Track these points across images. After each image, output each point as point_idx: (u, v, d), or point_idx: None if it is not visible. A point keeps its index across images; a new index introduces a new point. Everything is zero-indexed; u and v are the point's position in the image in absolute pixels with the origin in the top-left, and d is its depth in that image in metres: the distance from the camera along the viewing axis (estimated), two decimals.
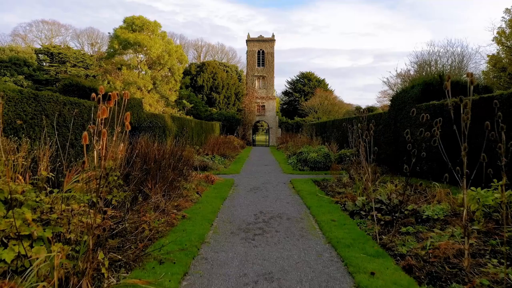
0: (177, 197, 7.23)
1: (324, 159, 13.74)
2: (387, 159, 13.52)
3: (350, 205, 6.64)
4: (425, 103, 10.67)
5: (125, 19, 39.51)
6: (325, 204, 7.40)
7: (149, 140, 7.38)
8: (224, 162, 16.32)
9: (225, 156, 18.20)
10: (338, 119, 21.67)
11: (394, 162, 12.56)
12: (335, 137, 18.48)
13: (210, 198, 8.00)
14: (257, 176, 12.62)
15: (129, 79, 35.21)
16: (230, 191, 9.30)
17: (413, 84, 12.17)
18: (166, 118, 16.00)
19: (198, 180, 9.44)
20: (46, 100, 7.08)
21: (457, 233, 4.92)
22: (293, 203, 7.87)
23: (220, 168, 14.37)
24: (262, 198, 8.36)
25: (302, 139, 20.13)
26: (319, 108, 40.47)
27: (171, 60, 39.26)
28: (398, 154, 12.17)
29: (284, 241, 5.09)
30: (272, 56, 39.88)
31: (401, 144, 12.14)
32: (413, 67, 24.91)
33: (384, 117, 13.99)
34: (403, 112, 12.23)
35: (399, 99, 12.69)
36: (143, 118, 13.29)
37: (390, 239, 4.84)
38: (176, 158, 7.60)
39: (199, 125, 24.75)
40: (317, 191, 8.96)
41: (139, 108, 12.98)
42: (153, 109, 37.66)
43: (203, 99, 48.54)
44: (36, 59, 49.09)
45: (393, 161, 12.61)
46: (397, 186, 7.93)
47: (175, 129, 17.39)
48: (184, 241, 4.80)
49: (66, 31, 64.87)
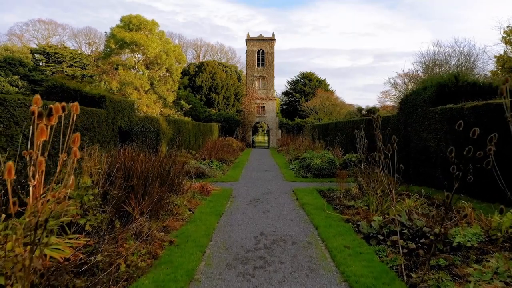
0: (166, 214, 6.34)
1: (329, 165, 12.85)
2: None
3: (364, 226, 5.75)
4: (440, 107, 9.79)
5: (122, 18, 38.62)
6: (334, 223, 6.51)
7: (134, 149, 6.49)
8: (222, 167, 15.42)
9: (223, 160, 17.31)
10: (342, 121, 20.77)
11: (404, 170, 11.66)
12: (339, 141, 17.58)
13: (204, 214, 7.11)
14: (257, 184, 11.73)
15: (126, 80, 34.30)
16: (228, 204, 8.41)
17: (425, 85, 11.28)
18: (160, 121, 15.10)
19: (192, 192, 8.55)
20: (16, 104, 6.19)
21: (502, 270, 4.03)
22: (298, 220, 6.97)
23: (218, 175, 13.48)
24: (263, 214, 7.46)
25: (304, 143, 19.22)
26: (320, 109, 39.58)
27: (169, 60, 38.36)
28: (409, 161, 11.28)
29: (291, 278, 4.20)
30: (272, 56, 38.97)
31: (412, 150, 11.26)
32: (421, 67, 23.95)
33: (393, 121, 13.09)
34: (414, 116, 11.34)
35: (410, 102, 11.80)
36: (135, 122, 12.40)
37: (421, 278, 3.96)
38: (166, 169, 6.71)
39: (197, 127, 23.84)
40: (324, 205, 8.07)
41: (130, 111, 12.09)
42: (150, 110, 36.76)
43: (202, 99, 47.64)
44: (32, 59, 48.19)
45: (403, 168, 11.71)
46: (415, 201, 7.04)
47: (170, 133, 16.50)
48: (168, 282, 3.91)
49: (63, 30, 63.97)
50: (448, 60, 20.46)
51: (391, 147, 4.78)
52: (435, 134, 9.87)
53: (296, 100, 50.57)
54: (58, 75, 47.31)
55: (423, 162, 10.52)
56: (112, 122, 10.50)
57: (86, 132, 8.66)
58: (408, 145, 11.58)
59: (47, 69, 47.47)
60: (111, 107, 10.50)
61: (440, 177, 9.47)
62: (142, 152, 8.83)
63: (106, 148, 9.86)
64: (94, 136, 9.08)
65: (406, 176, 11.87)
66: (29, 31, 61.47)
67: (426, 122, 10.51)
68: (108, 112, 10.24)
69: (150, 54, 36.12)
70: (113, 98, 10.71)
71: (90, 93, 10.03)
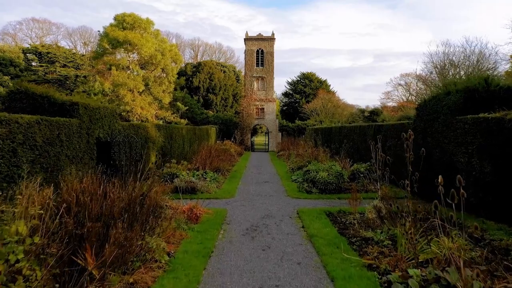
0: (137, 261, 4.87)
1: (337, 179, 11.40)
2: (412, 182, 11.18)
3: (398, 286, 4.28)
4: (470, 116, 8.33)
5: (115, 16, 37.09)
6: (354, 272, 5.05)
7: (94, 180, 5.00)
8: (218, 179, 13.95)
9: (219, 170, 15.84)
10: (347, 126, 19.31)
11: (424, 188, 10.17)
12: (345, 149, 16.11)
13: (188, 255, 5.65)
14: (256, 202, 10.27)
15: (119, 80, 32.77)
16: (220, 236, 6.95)
17: (448, 89, 9.83)
18: (149, 128, 13.62)
19: (177, 222, 7.08)
20: None
21: None
22: (307, 264, 5.51)
23: (212, 188, 12.01)
24: (262, 253, 6.00)
25: (307, 151, 17.75)
26: (321, 111, 38.14)
27: (164, 60, 36.84)
28: (431, 177, 9.81)
29: None
30: (272, 56, 37.50)
31: (435, 164, 9.80)
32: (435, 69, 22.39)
33: (408, 129, 11.63)
34: (435, 125, 9.89)
35: (430, 109, 10.36)
36: (117, 131, 10.93)
37: None
38: (138, 202, 5.24)
39: (192, 132, 22.34)
40: (337, 238, 6.63)
41: (111, 119, 10.63)
42: (145, 112, 35.27)
43: (199, 101, 46.16)
44: (24, 59, 46.68)
45: (423, 186, 10.22)
46: (454, 239, 5.58)
47: (161, 140, 15.02)
48: None
49: (57, 29, 62.53)
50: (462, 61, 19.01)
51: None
52: (465, 148, 8.42)
53: (296, 101, 49.10)
54: (51, 75, 45.82)
55: (448, 180, 9.06)
56: (87, 133, 9.03)
57: (49, 148, 7.18)
58: (429, 158, 10.13)
59: (40, 69, 45.96)
60: (86, 115, 9.04)
61: (472, 200, 8.01)
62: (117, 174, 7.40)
63: (78, 165, 8.40)
64: (61, 152, 7.60)
65: (428, 194, 10.45)
66: (22, 30, 60.04)
67: (451, 133, 9.06)
68: (82, 121, 8.77)
69: (145, 54, 34.61)
70: (89, 105, 9.24)
71: (60, 100, 8.56)
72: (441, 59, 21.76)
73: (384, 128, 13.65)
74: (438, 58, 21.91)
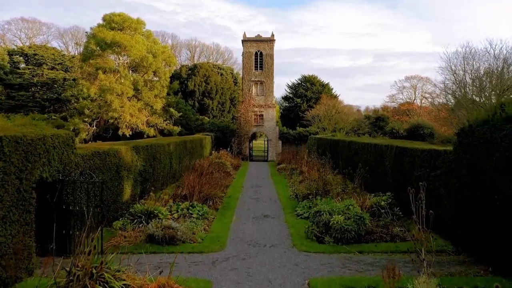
0: None
1: (356, 225, 8.93)
2: (453, 227, 8.71)
3: None
4: None
5: (104, 16, 34.54)
6: None
7: None
8: (207, 215, 11.43)
9: (210, 198, 13.33)
10: (358, 143, 16.79)
11: (477, 242, 7.68)
12: (360, 174, 13.62)
13: None
14: (252, 264, 7.77)
15: (106, 85, 30.21)
16: None
17: (508, 114, 7.35)
18: (122, 153, 11.09)
19: None
20: None
21: None
22: None
23: (198, 233, 9.49)
24: None
25: (313, 175, 15.23)
26: (324, 117, 35.62)
27: (156, 62, 34.26)
28: (491, 225, 7.35)
29: None
30: (272, 59, 34.98)
31: (492, 205, 7.30)
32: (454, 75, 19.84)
33: (446, 159, 9.18)
34: (492, 161, 7.41)
35: (479, 137, 7.88)
36: (74, 164, 8.43)
37: None
38: None
39: (182, 146, 19.78)
40: None
41: (65, 150, 8.12)
42: (134, 119, 32.73)
43: (194, 105, 43.63)
44: (9, 61, 43.99)
45: (475, 239, 7.74)
46: None
47: (139, 165, 12.51)
48: None
49: (48, 29, 59.88)
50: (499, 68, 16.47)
51: None
52: None
53: (297, 106, 46.53)
54: (38, 78, 43.24)
55: None
56: (18, 177, 6.52)
57: None
58: (485, 198, 7.65)
59: (26, 72, 43.36)
60: (18, 151, 6.53)
61: None
62: None
63: None
64: None
65: (487, 255, 8.02)
66: (11, 31, 57.38)
67: None
68: (9, 161, 6.27)
69: (134, 56, 32.05)
70: (23, 137, 6.72)
71: None
72: (461, 65, 19.30)
73: (409, 153, 11.17)
74: (458, 62, 19.45)
